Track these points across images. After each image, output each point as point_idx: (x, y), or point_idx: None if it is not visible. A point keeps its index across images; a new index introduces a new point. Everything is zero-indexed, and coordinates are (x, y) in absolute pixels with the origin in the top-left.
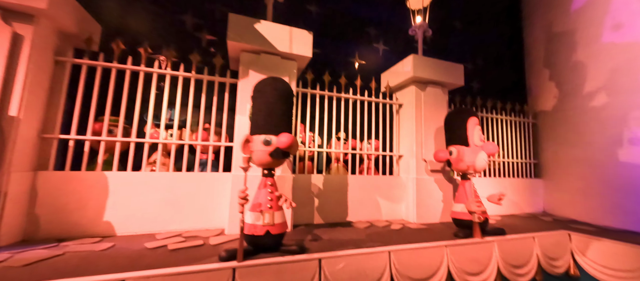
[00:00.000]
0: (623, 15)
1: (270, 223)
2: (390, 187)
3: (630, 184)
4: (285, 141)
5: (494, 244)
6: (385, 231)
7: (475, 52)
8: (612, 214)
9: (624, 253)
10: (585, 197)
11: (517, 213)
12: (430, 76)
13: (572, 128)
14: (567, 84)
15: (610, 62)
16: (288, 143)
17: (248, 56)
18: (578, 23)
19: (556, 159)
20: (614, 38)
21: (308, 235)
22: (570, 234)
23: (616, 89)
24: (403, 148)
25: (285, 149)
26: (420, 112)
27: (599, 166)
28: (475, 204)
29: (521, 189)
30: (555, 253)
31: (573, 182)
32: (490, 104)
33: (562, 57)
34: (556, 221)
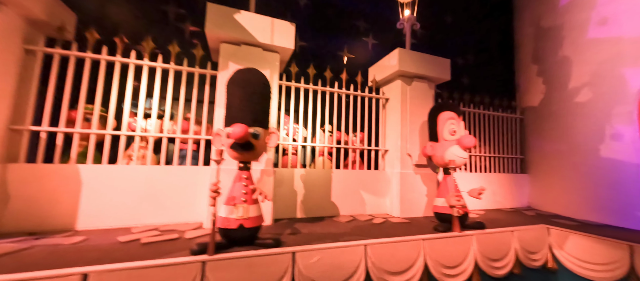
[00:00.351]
0: (608, 10)
1: (244, 217)
2: (375, 181)
3: (610, 179)
4: (237, 132)
5: (473, 238)
6: (367, 225)
7: (466, 48)
8: (592, 209)
9: (598, 247)
10: (567, 192)
11: (502, 208)
12: (416, 70)
13: (557, 124)
14: (554, 80)
15: (595, 58)
16: (239, 134)
17: (228, 47)
18: (565, 18)
19: (542, 154)
20: (599, 34)
21: (288, 229)
22: (549, 228)
23: (600, 85)
24: (389, 143)
25: (238, 140)
26: (405, 107)
27: (582, 162)
28: (455, 199)
29: (507, 185)
30: (533, 247)
31: (557, 177)
32: (478, 100)
33: (549, 52)
34: (539, 215)
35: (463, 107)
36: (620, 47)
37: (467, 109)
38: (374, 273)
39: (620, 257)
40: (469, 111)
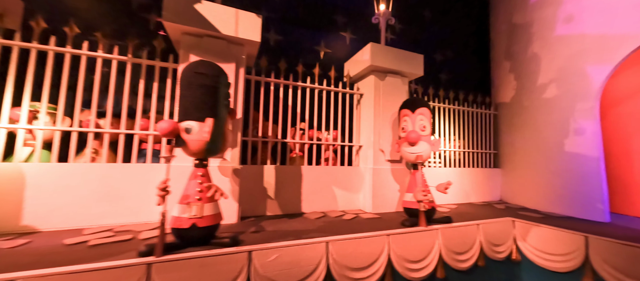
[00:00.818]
0: (573, 8)
1: (197, 216)
2: (348, 177)
3: (574, 173)
4: (163, 127)
5: (438, 232)
6: (337, 221)
7: (444, 44)
8: (558, 201)
9: (558, 238)
10: (535, 185)
11: (474, 202)
12: (389, 66)
13: (527, 119)
14: (524, 76)
15: (562, 55)
16: (164, 130)
17: (189, 38)
18: (535, 15)
19: (512, 149)
20: (565, 31)
21: (252, 227)
22: (515, 221)
23: (565, 81)
24: (363, 139)
25: (164, 136)
26: (378, 102)
27: (548, 156)
28: (422, 194)
29: (480, 179)
30: (498, 239)
31: (526, 171)
32: (453, 95)
33: (520, 49)
34: (508, 208)
35: (438, 103)
36: (584, 44)
37: (442, 105)
38: (335, 270)
39: (576, 248)
40: (444, 107)
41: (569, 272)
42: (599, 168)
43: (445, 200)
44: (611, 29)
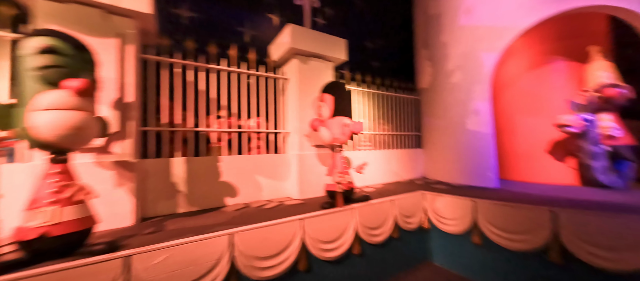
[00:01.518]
0: (471, 0)
1: (51, 222)
2: (275, 165)
3: (473, 147)
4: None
5: (355, 211)
6: (256, 211)
7: (375, 33)
8: (462, 173)
9: (453, 204)
10: (447, 161)
11: (400, 180)
12: (312, 49)
13: (439, 102)
14: (437, 63)
15: (463, 43)
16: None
17: (47, 5)
18: (443, 7)
19: (430, 130)
20: (465, 21)
21: (151, 228)
22: (424, 193)
23: (466, 67)
24: (290, 125)
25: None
26: (302, 87)
27: (455, 134)
28: (338, 175)
29: (406, 159)
30: (410, 212)
31: (440, 149)
32: (379, 81)
33: (434, 38)
34: (426, 183)
35: (369, 89)
36: (479, 33)
37: (372, 91)
38: (241, 262)
39: (466, 212)
40: (374, 93)
41: (463, 234)
42: (490, 143)
43: (374, 180)
44: (498, 20)
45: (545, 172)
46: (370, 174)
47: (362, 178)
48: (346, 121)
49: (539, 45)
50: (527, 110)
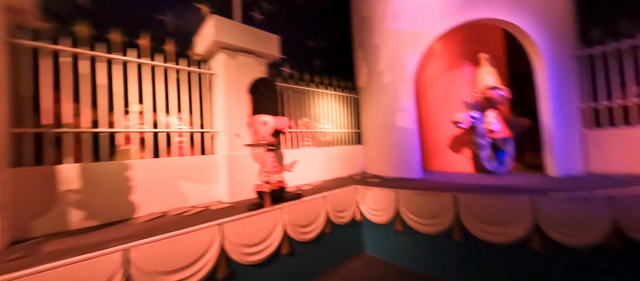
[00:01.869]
0: (397, 6)
1: None
2: (202, 168)
3: (401, 142)
4: None
5: (283, 210)
6: (174, 220)
7: (317, 32)
8: (393, 166)
9: (380, 196)
10: (381, 156)
11: (341, 176)
12: (239, 43)
13: (374, 101)
14: (372, 63)
15: (391, 45)
16: None
17: None
18: (374, 10)
19: (367, 127)
20: (393, 25)
21: (21, 252)
22: (357, 187)
23: (394, 68)
24: (219, 124)
25: None
26: (230, 83)
27: (386, 130)
28: (265, 175)
29: (348, 155)
30: (343, 206)
31: (375, 145)
32: (318, 80)
33: (367, 40)
34: (363, 178)
35: (307, 87)
36: (404, 37)
37: (310, 89)
38: (140, 279)
39: (390, 203)
40: (315, 91)
41: (389, 223)
42: (414, 137)
43: (315, 178)
44: (418, 26)
45: (454, 162)
46: (310, 171)
47: (302, 176)
48: (266, 118)
49: (452, 50)
50: (443, 108)
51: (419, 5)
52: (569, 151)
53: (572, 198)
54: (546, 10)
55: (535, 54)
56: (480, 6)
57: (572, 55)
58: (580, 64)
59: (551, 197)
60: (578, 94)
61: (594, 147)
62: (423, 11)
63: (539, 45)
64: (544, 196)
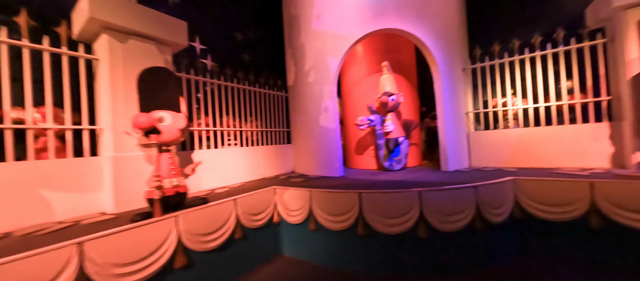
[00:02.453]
0: (321, 7)
1: None
2: (77, 174)
3: (324, 142)
4: None
5: (178, 219)
6: (18, 241)
7: (248, 25)
8: (317, 165)
9: (296, 196)
10: (308, 155)
11: (267, 177)
12: (130, 25)
13: (301, 100)
14: (299, 63)
15: (315, 46)
16: None
17: None
18: (301, 9)
19: (296, 126)
20: (317, 26)
21: None
22: (276, 188)
23: (318, 68)
24: (104, 119)
25: None
26: (118, 71)
27: (312, 130)
28: (154, 179)
29: (277, 154)
30: (259, 208)
31: (303, 144)
32: (242, 75)
33: (295, 38)
34: (288, 178)
35: (237, 84)
36: (327, 39)
37: (239, 86)
38: None
39: (305, 202)
40: (242, 88)
41: (304, 223)
42: (336, 137)
43: (237, 179)
44: (340, 29)
45: (367, 160)
46: (232, 173)
47: (222, 178)
48: (161, 114)
49: (372, 57)
50: (364, 110)
51: (339, 9)
52: (458, 149)
53: (448, 189)
54: (442, 28)
55: (434, 65)
56: (390, 18)
57: (461, 68)
58: (467, 76)
59: (432, 189)
60: (464, 101)
61: (475, 146)
62: (343, 16)
63: (436, 58)
64: (427, 188)
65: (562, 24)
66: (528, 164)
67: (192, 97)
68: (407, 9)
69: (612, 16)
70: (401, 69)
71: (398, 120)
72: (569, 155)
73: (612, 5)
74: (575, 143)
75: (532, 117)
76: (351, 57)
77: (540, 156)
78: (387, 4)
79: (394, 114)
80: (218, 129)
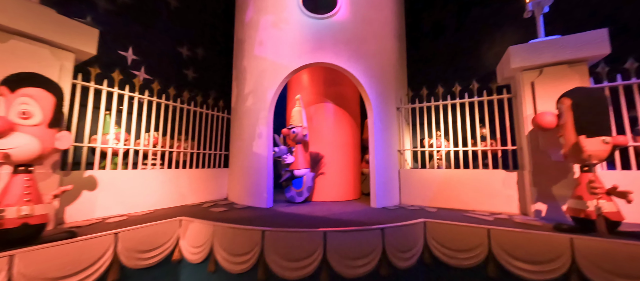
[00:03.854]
0: (263, 35)
1: None
2: None
3: (256, 169)
4: None
5: (13, 258)
6: None
7: (195, 40)
8: (247, 194)
9: (200, 231)
10: (239, 182)
11: (192, 202)
12: (14, 24)
13: (239, 123)
14: (241, 86)
15: (255, 71)
16: None
17: None
18: (246, 34)
19: (234, 150)
20: (259, 52)
21: None
22: (182, 219)
23: (256, 93)
24: None
25: None
26: None
27: (247, 156)
28: None
29: (210, 179)
30: (153, 243)
31: (237, 170)
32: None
33: (239, 61)
34: (214, 205)
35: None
36: (266, 66)
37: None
38: None
39: (208, 238)
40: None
41: (204, 261)
42: (267, 165)
43: (149, 205)
44: (278, 58)
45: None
46: (141, 198)
47: (125, 204)
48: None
49: (315, 87)
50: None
51: (280, 39)
52: (388, 186)
53: (354, 230)
54: (378, 69)
55: (368, 102)
56: (327, 53)
57: (396, 107)
58: (400, 116)
59: (337, 230)
60: (397, 138)
61: (405, 183)
62: (283, 46)
63: (370, 95)
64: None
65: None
66: (448, 204)
67: (100, 110)
68: (343, 48)
69: (514, 75)
70: (343, 102)
71: (305, 152)
72: (483, 199)
73: (511, 67)
74: (488, 187)
75: (452, 159)
76: (297, 84)
77: (459, 197)
78: (324, 40)
79: (301, 146)
80: (131, 148)
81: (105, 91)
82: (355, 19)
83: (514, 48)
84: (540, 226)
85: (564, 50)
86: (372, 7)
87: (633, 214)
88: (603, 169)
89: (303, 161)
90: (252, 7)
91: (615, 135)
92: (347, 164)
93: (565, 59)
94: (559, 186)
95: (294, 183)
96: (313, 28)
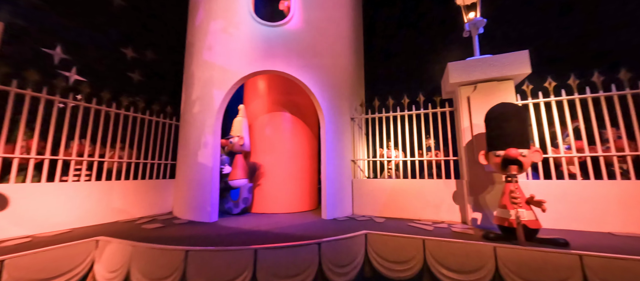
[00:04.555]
0: (212, 40)
1: None
2: None
3: (199, 180)
4: None
5: None
6: None
7: (143, 41)
8: (190, 208)
9: (118, 252)
10: (183, 194)
11: (128, 219)
12: None
13: (185, 131)
14: (188, 90)
15: (203, 77)
16: None
17: None
18: (195, 37)
19: (180, 159)
20: (208, 57)
21: None
22: (100, 240)
23: (203, 100)
24: None
25: None
26: None
27: (191, 166)
28: None
29: (153, 191)
30: (53, 271)
31: (182, 181)
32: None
33: (188, 65)
34: (152, 221)
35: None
36: (214, 71)
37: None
38: None
39: (125, 261)
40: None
41: None
42: (212, 176)
43: (60, 224)
44: (229, 64)
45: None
46: (52, 216)
47: (29, 224)
48: None
49: (271, 95)
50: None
51: (230, 45)
52: (339, 197)
53: (287, 246)
54: (330, 79)
55: (320, 111)
56: (278, 61)
57: (350, 117)
58: (355, 126)
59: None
60: (351, 148)
61: (357, 194)
62: (233, 51)
63: (322, 105)
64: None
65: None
66: (396, 214)
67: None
68: (295, 56)
69: (454, 90)
70: (299, 111)
71: (243, 163)
72: (428, 208)
73: (450, 82)
74: (432, 196)
75: (401, 169)
76: (253, 92)
77: (406, 207)
78: (276, 48)
79: (240, 156)
80: (46, 157)
81: (14, 91)
82: (309, 28)
83: (453, 64)
84: (473, 235)
85: (492, 68)
86: (326, 18)
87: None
88: (528, 180)
89: (241, 172)
90: (203, 10)
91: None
92: (302, 174)
93: (494, 76)
94: (491, 196)
95: (232, 194)
96: (264, 35)
